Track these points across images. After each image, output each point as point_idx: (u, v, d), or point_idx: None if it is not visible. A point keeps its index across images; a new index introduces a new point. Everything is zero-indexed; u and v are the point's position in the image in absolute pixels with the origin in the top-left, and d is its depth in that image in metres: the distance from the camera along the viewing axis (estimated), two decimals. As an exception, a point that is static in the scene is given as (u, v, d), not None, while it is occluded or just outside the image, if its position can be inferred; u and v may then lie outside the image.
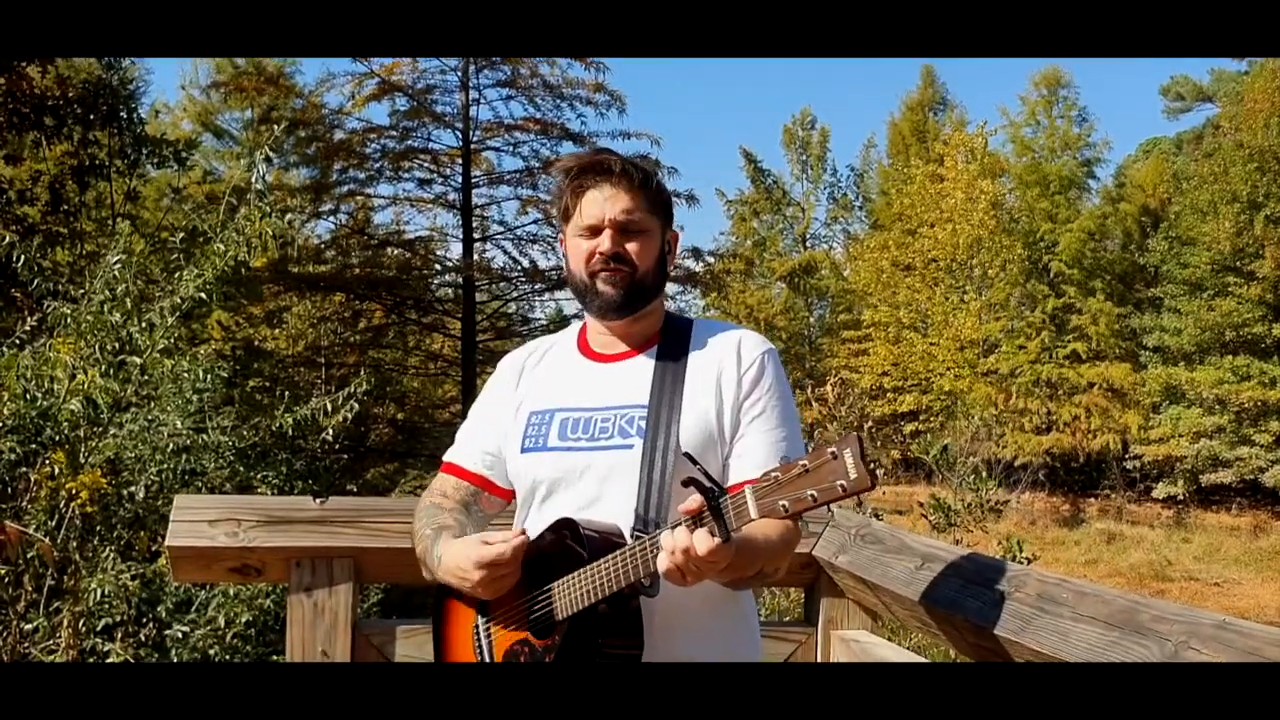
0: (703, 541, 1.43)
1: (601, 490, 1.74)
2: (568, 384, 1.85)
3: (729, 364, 1.78)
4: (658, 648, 1.67)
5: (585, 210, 1.79)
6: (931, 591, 2.10)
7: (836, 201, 41.58)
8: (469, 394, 14.84)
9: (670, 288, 18.90)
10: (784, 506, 1.38)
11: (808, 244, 40.79)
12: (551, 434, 1.79)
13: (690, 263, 17.36)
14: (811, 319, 39.96)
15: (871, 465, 1.36)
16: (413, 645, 2.57)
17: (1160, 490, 29.19)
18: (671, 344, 1.82)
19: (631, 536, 1.65)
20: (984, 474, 6.33)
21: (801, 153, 40.64)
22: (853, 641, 2.61)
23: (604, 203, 1.78)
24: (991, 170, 32.73)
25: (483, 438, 1.94)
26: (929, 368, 31.81)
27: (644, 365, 1.81)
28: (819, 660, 2.68)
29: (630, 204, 1.78)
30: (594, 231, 1.78)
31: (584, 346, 1.90)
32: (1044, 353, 31.09)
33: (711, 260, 18.23)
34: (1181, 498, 28.62)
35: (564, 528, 1.68)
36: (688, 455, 1.53)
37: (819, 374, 33.79)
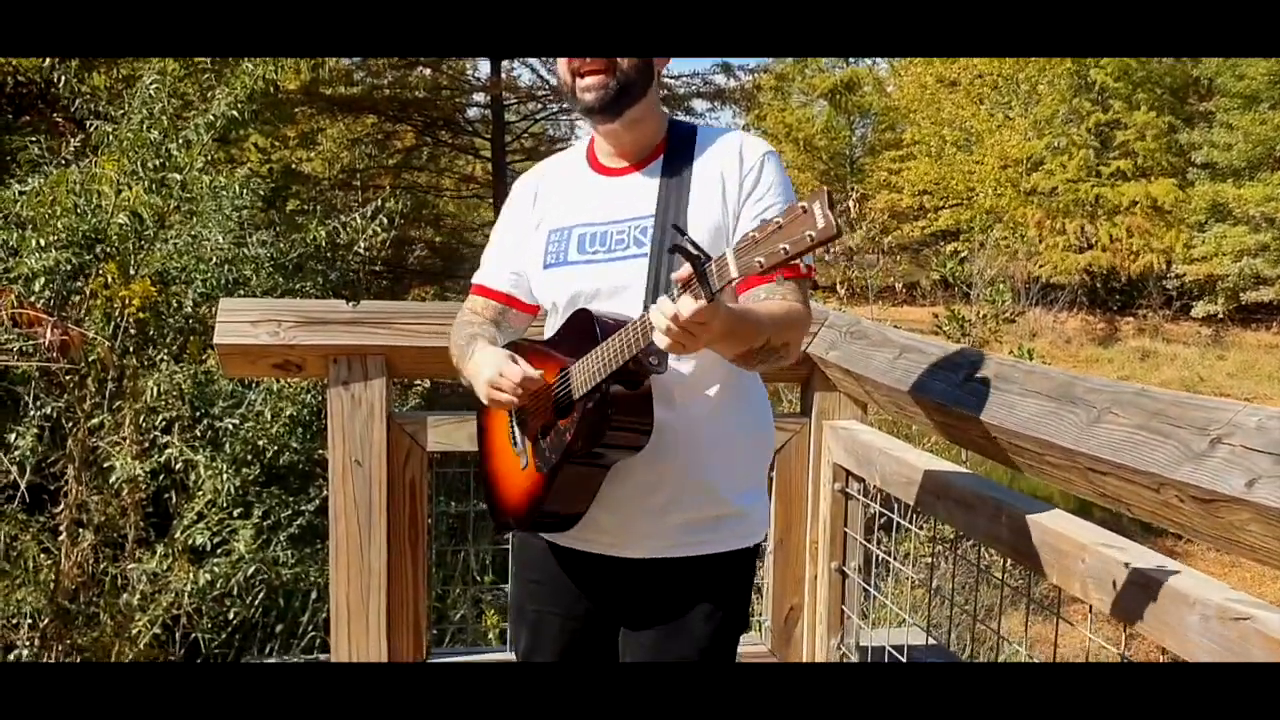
0: (687, 304, 1.50)
1: (619, 298, 1.84)
2: (581, 199, 1.95)
3: (731, 169, 1.86)
4: (678, 428, 1.83)
5: None
6: (905, 377, 2.30)
7: (881, 14, 39.90)
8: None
9: (700, 104, 18.49)
10: (759, 263, 1.44)
11: (850, 60, 39.45)
12: (571, 249, 1.91)
13: (720, 78, 17.03)
14: (853, 138, 39.02)
15: (840, 215, 1.45)
16: (441, 434, 2.84)
17: (1199, 309, 28.94)
18: (676, 153, 1.89)
19: None
20: (1001, 287, 6.44)
21: (845, -39, 38.79)
22: (841, 429, 2.84)
23: None
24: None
25: (505, 258, 2.06)
26: (970, 185, 31.23)
27: (651, 175, 1.90)
28: (811, 446, 2.92)
29: None
30: None
31: (592, 160, 1.99)
32: (1086, 170, 30.35)
33: (743, 76, 17.81)
34: (1220, 316, 28.43)
35: (579, 316, 1.82)
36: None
37: (860, 195, 33.26)
